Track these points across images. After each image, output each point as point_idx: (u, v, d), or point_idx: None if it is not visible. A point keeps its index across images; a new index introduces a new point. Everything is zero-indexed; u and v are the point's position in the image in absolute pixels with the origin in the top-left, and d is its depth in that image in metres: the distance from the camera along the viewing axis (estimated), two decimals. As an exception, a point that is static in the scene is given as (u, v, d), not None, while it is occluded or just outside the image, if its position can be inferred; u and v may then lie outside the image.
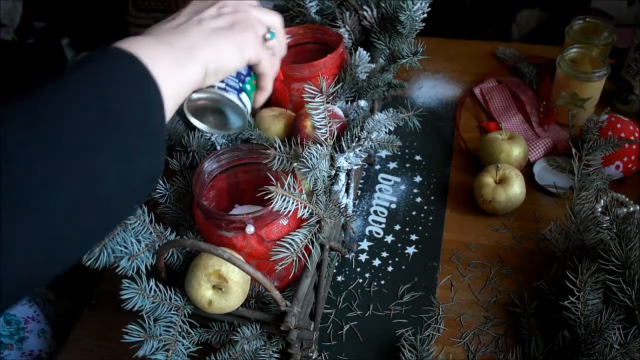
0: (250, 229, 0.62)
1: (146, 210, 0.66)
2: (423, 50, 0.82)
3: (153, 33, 0.47)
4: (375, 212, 0.93)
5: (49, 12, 2.13)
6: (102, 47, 0.40)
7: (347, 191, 0.77)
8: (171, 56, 0.44)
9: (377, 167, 1.00)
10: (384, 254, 0.86)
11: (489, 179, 0.87)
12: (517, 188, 0.86)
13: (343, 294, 0.82)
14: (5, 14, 1.95)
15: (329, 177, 0.71)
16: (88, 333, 0.80)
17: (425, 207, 0.92)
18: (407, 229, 0.89)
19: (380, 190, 0.96)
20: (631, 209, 0.86)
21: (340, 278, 0.84)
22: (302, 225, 0.66)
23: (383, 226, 0.90)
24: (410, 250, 0.86)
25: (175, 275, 0.67)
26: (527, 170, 0.94)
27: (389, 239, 0.88)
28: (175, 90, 0.44)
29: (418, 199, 0.94)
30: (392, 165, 1.00)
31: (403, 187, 0.96)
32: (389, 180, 0.98)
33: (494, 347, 0.74)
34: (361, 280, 0.83)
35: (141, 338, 0.61)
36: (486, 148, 0.93)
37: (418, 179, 0.97)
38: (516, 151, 0.91)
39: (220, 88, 0.54)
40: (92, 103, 0.36)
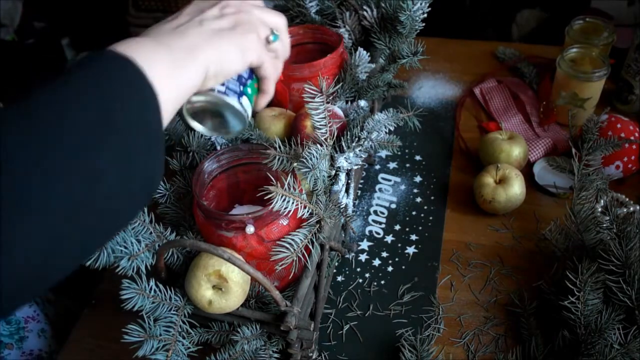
0: (250, 229, 0.62)
1: (146, 210, 0.66)
2: (423, 50, 0.82)
3: (152, 34, 0.46)
4: (375, 212, 0.93)
5: (49, 12, 2.13)
6: (98, 51, 0.39)
7: (347, 191, 0.77)
8: (169, 58, 0.43)
9: (377, 167, 1.00)
10: (384, 254, 0.86)
11: (489, 179, 0.87)
12: (517, 188, 0.86)
13: (343, 294, 0.82)
14: (5, 14, 1.95)
15: (329, 177, 0.71)
16: (88, 333, 0.80)
17: (425, 207, 0.92)
18: (407, 229, 0.89)
19: (380, 190, 0.96)
20: (631, 209, 0.86)
21: (340, 278, 0.84)
22: (302, 225, 0.66)
23: (383, 226, 0.90)
24: (410, 250, 0.87)
25: (175, 275, 0.67)
26: (527, 170, 0.94)
27: (389, 239, 0.88)
28: (173, 93, 0.43)
29: (418, 199, 0.94)
30: (392, 165, 1.00)
31: (403, 187, 0.96)
32: (389, 180, 0.98)
33: (494, 347, 0.74)
34: (361, 280, 0.83)
35: (141, 338, 0.61)
36: (486, 148, 0.93)
37: (418, 179, 0.97)
38: (516, 151, 0.91)
39: (220, 91, 0.52)
40: (87, 106, 0.35)
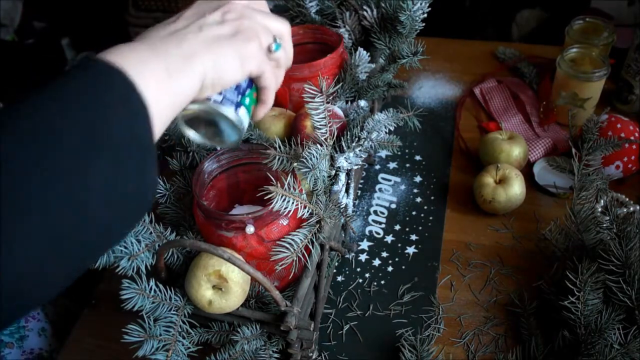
0: (250, 229, 0.62)
1: (146, 210, 0.66)
2: (423, 50, 0.82)
3: (148, 38, 0.44)
4: (375, 212, 0.93)
5: (49, 12, 2.13)
6: (88, 60, 0.38)
7: (347, 191, 0.77)
8: (164, 67, 0.41)
9: (377, 167, 1.00)
10: (384, 254, 0.86)
11: (489, 179, 0.87)
12: (517, 188, 0.86)
13: (343, 294, 0.82)
14: (5, 14, 1.95)
15: (329, 177, 0.71)
16: (88, 333, 0.80)
17: (425, 207, 0.92)
18: (407, 229, 0.89)
19: (380, 190, 0.96)
20: (631, 209, 0.86)
21: (340, 278, 0.84)
22: (302, 225, 0.66)
23: (383, 226, 0.90)
24: (410, 250, 0.86)
25: (175, 275, 0.67)
26: (527, 170, 0.94)
27: (389, 239, 0.88)
28: (167, 103, 0.41)
29: (418, 199, 0.94)
30: (392, 165, 1.00)
31: (403, 187, 0.96)
32: (389, 180, 0.98)
33: (494, 347, 0.74)
34: (361, 280, 0.83)
35: (141, 338, 0.61)
36: (486, 148, 0.93)
37: (418, 179, 0.97)
38: (516, 151, 0.91)
39: (216, 101, 0.50)
40: (73, 122, 0.34)
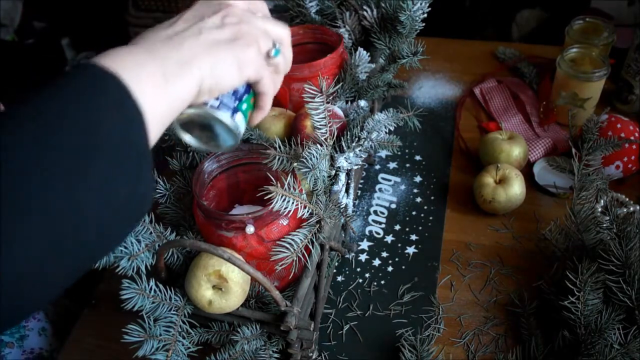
0: (250, 229, 0.62)
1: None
2: (423, 50, 0.82)
3: (146, 41, 0.44)
4: (375, 212, 0.93)
5: (49, 12, 2.14)
6: (82, 64, 0.37)
7: (347, 191, 0.77)
8: (160, 72, 0.41)
9: (377, 167, 1.00)
10: (384, 254, 0.86)
11: (489, 179, 0.87)
12: (517, 188, 0.86)
13: (343, 294, 0.82)
14: (5, 14, 1.95)
15: (329, 177, 0.71)
16: (88, 333, 0.80)
17: (425, 207, 0.92)
18: (407, 229, 0.89)
19: (380, 190, 0.96)
20: (631, 209, 0.86)
21: (340, 278, 0.84)
22: (302, 225, 0.66)
23: (383, 226, 0.90)
24: (410, 250, 0.86)
25: (175, 275, 0.67)
26: (527, 170, 0.94)
27: (389, 239, 0.88)
28: (163, 108, 0.41)
29: (418, 199, 0.94)
30: (392, 165, 1.00)
31: (403, 187, 0.96)
32: (389, 180, 0.98)
33: (494, 347, 0.74)
34: (361, 280, 0.83)
35: (141, 338, 0.61)
36: (486, 148, 0.93)
37: (418, 179, 0.97)
38: (516, 151, 0.91)
39: (213, 106, 0.49)
40: (66, 130, 0.34)
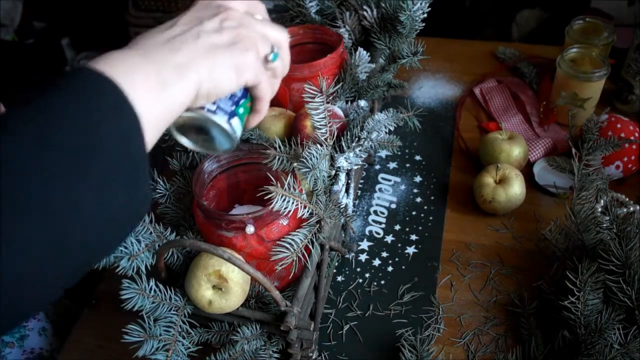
0: (250, 229, 0.62)
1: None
2: (423, 50, 0.82)
3: (143, 45, 0.43)
4: (375, 212, 0.93)
5: (49, 12, 2.14)
6: (77, 68, 0.37)
7: (347, 191, 0.77)
8: (157, 77, 0.41)
9: (377, 167, 1.00)
10: (384, 254, 0.86)
11: (489, 179, 0.87)
12: (517, 188, 0.86)
13: (343, 294, 0.82)
14: (5, 14, 1.95)
15: (329, 177, 0.71)
16: (88, 333, 0.80)
17: (425, 207, 0.92)
18: (407, 229, 0.89)
19: (380, 190, 0.96)
20: (631, 209, 0.86)
21: (340, 278, 0.84)
22: (302, 225, 0.66)
23: (383, 226, 0.90)
24: (410, 250, 0.86)
25: (175, 275, 0.67)
26: (527, 170, 0.94)
27: (389, 239, 0.88)
28: (160, 112, 0.40)
29: (418, 199, 0.94)
30: (392, 165, 1.00)
31: (403, 187, 0.96)
32: (389, 180, 0.98)
33: (494, 347, 0.74)
34: (361, 280, 0.83)
35: (141, 338, 0.61)
36: (486, 148, 0.93)
37: (418, 179, 0.97)
38: (516, 151, 0.91)
39: (210, 110, 0.49)
40: (61, 135, 0.34)
